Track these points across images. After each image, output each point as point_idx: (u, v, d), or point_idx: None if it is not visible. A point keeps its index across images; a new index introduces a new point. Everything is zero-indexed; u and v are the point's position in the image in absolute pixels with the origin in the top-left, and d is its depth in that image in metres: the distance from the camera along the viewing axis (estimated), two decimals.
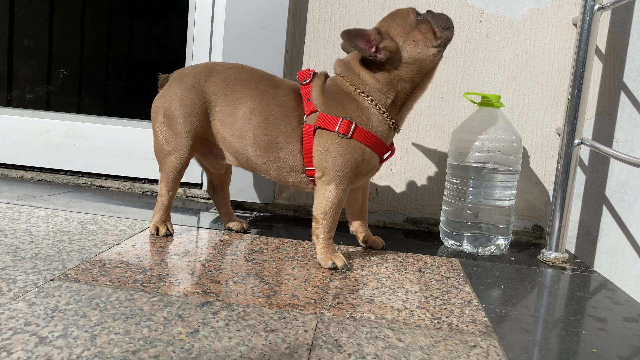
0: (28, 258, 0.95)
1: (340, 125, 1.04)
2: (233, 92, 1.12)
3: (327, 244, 1.08)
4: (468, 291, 1.01)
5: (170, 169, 1.16)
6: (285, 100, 1.10)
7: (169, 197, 1.18)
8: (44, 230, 1.12)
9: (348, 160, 1.04)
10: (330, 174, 1.05)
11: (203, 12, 1.56)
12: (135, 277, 0.90)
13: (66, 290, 0.82)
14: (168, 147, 1.15)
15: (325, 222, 1.07)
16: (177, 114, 1.13)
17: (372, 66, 1.06)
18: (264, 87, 1.12)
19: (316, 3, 1.46)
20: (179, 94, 1.13)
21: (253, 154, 1.11)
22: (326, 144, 1.05)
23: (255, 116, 1.10)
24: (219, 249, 1.13)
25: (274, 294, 0.89)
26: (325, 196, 1.06)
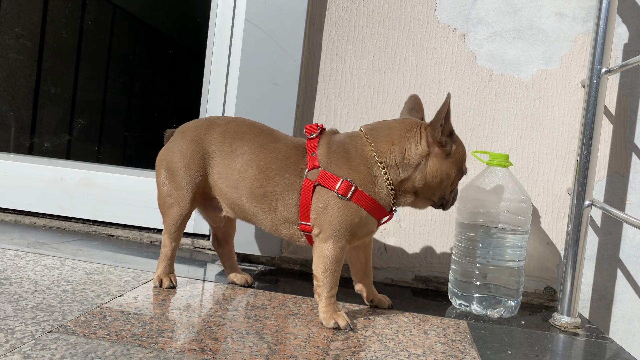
0: (29, 308, 0.94)
1: (340, 186, 1.04)
2: (231, 144, 1.14)
3: (329, 303, 1.06)
4: (474, 356, 0.97)
5: (172, 221, 1.17)
6: (285, 154, 1.11)
7: (171, 248, 1.19)
8: (49, 279, 1.12)
9: (345, 220, 1.04)
10: (327, 232, 1.05)
11: (219, 66, 1.61)
12: (134, 331, 0.89)
13: (63, 343, 0.81)
14: (170, 200, 1.17)
15: (325, 281, 1.06)
16: (178, 166, 1.15)
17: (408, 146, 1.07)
18: (263, 140, 1.13)
19: (327, 60, 1.50)
20: (180, 147, 1.16)
21: (248, 204, 1.11)
22: (325, 201, 1.05)
23: (252, 168, 1.10)
24: (221, 303, 1.12)
25: (272, 353, 0.87)
26: (323, 254, 1.05)
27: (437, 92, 1.47)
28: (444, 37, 1.46)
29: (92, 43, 3.34)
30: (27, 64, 3.03)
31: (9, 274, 1.13)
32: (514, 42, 1.44)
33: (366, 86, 1.49)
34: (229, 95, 1.61)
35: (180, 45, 3.42)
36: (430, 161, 1.06)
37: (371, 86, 1.49)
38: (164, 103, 3.22)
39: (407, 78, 1.48)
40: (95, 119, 3.43)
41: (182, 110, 2.68)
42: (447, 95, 1.03)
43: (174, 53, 3.38)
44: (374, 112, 1.49)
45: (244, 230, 1.47)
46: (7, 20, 2.86)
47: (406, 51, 1.48)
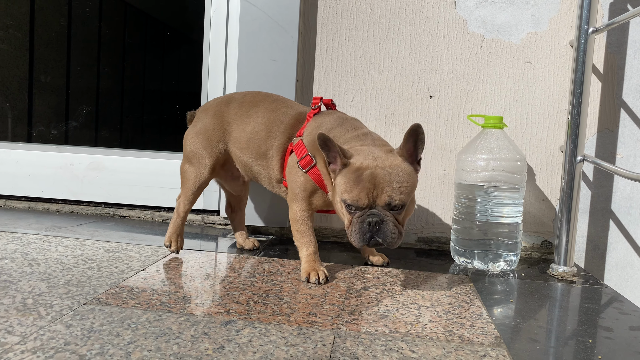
0: (61, 284, 1.01)
1: (303, 159, 1.14)
2: (247, 111, 1.26)
3: (308, 260, 1.16)
4: (478, 305, 1.05)
5: (190, 184, 1.28)
6: (288, 118, 1.23)
7: (184, 211, 1.30)
8: (73, 259, 1.18)
9: (300, 186, 1.15)
10: (290, 193, 1.17)
11: (217, 46, 1.65)
12: (162, 300, 0.96)
13: (99, 313, 0.88)
14: (191, 167, 1.28)
15: (300, 241, 1.17)
16: (202, 138, 1.28)
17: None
18: (276, 106, 1.26)
19: (323, 35, 1.54)
20: (204, 123, 1.29)
21: (254, 162, 1.25)
22: (290, 165, 1.17)
23: (260, 129, 1.23)
24: (239, 271, 1.18)
25: (292, 312, 0.94)
26: (290, 215, 1.19)
27: (430, 60, 1.52)
28: (436, 6, 1.50)
29: (82, 29, 3.34)
30: (19, 54, 3.04)
31: (35, 255, 1.19)
32: (503, 6, 1.49)
33: (362, 58, 1.54)
34: (229, 74, 1.65)
35: (173, 28, 3.43)
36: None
37: (367, 57, 1.54)
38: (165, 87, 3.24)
39: (401, 48, 1.52)
40: (91, 104, 3.45)
41: (182, 93, 2.71)
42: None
43: (167, 36, 3.39)
44: (371, 83, 1.53)
45: (253, 204, 1.53)
46: None
47: (400, 21, 1.52)
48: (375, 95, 1.54)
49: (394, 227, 1.02)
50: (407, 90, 1.53)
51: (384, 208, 1.01)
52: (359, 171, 1.02)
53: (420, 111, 1.53)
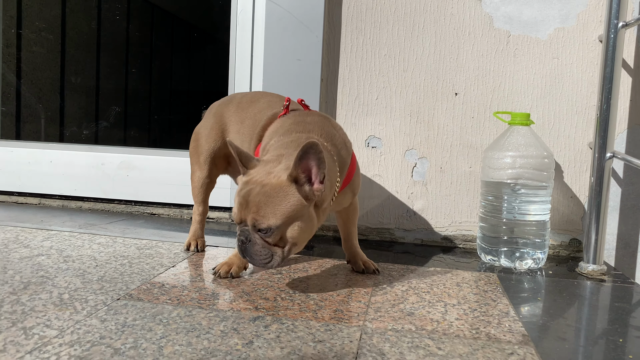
0: (95, 280, 1.04)
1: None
2: (243, 112, 1.26)
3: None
4: (505, 303, 1.04)
5: (195, 184, 1.31)
6: (264, 119, 1.16)
7: (199, 213, 1.33)
8: (106, 255, 1.22)
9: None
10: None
11: (243, 47, 1.67)
12: (192, 296, 0.98)
13: (132, 308, 0.90)
14: (194, 167, 1.31)
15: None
16: (202, 137, 1.30)
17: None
18: (264, 106, 1.21)
19: (348, 34, 1.55)
20: (205, 122, 1.32)
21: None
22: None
23: (247, 130, 1.22)
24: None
25: (319, 308, 0.95)
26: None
27: (456, 57, 1.51)
28: (461, 3, 1.50)
29: (111, 31, 3.41)
30: (51, 56, 3.12)
31: (70, 252, 1.23)
32: (530, 2, 1.47)
33: (387, 56, 1.54)
34: (255, 74, 1.67)
35: (199, 29, 3.47)
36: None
37: (392, 55, 1.54)
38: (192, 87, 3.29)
39: (426, 45, 1.52)
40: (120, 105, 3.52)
41: (209, 92, 2.75)
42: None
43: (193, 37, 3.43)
44: (395, 81, 1.54)
45: None
46: (29, 14, 2.94)
47: (424, 19, 1.52)
48: (400, 93, 1.54)
49: (263, 249, 0.95)
50: (432, 87, 1.52)
51: (252, 229, 0.96)
52: (243, 185, 0.96)
53: (446, 108, 1.52)
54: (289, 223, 0.95)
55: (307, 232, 0.98)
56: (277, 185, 0.94)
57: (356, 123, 1.56)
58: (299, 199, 0.94)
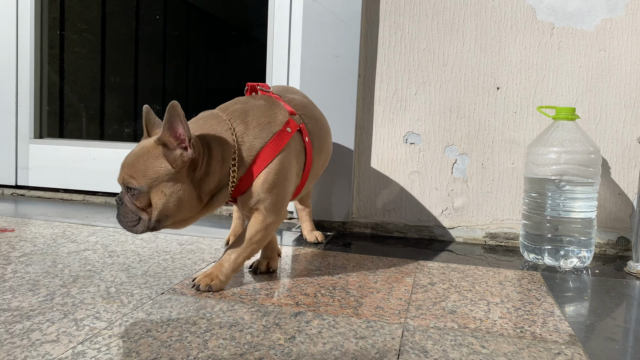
0: (139, 275, 1.06)
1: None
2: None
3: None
4: (550, 302, 1.02)
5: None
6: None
7: (235, 209, 1.35)
8: (149, 251, 1.25)
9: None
10: None
11: (280, 44, 1.68)
12: (234, 291, 0.99)
13: (176, 302, 0.92)
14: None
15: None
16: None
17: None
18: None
19: (385, 28, 1.54)
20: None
21: None
22: None
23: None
24: (305, 264, 1.20)
25: (359, 305, 0.95)
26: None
27: (497, 51, 1.48)
28: None
29: (149, 31, 3.47)
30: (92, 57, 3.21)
31: (114, 247, 1.26)
32: None
33: (426, 50, 1.52)
34: (292, 71, 1.67)
35: (235, 27, 3.50)
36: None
37: (431, 50, 1.52)
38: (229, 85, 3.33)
39: (467, 39, 1.49)
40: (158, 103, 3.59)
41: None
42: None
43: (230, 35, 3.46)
44: (435, 75, 1.51)
45: (317, 199, 1.55)
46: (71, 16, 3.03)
47: (464, 12, 1.49)
48: (440, 87, 1.51)
49: (131, 211, 0.94)
50: (473, 82, 1.49)
51: (124, 190, 0.96)
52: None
53: (487, 103, 1.49)
54: (154, 187, 0.93)
55: (175, 202, 0.94)
56: (146, 147, 0.94)
57: (394, 119, 1.54)
58: (164, 162, 0.92)
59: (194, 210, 0.98)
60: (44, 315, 0.83)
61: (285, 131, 1.03)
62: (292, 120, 1.05)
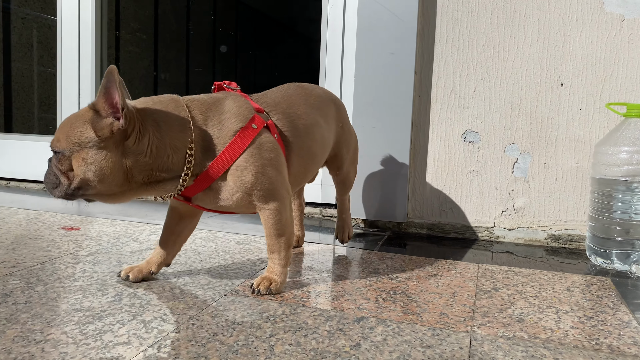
0: (201, 275, 1.08)
1: None
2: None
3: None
4: (625, 311, 0.97)
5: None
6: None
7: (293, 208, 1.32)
8: (208, 250, 1.26)
9: None
10: None
11: (334, 42, 1.67)
12: (294, 293, 0.99)
13: (239, 305, 0.93)
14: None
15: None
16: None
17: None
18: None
19: (443, 24, 1.50)
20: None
21: None
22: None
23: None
24: (362, 267, 1.19)
25: (423, 311, 0.93)
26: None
27: (562, 45, 1.41)
28: None
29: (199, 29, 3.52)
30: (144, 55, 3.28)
31: None
32: None
33: (485, 46, 1.47)
34: (346, 68, 1.66)
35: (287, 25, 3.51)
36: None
37: (490, 45, 1.47)
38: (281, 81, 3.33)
39: (528, 33, 1.44)
40: None
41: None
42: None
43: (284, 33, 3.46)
44: (494, 71, 1.47)
45: (369, 198, 1.54)
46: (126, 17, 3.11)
47: (526, 5, 1.43)
48: (500, 84, 1.47)
49: (53, 174, 0.91)
50: (535, 78, 1.44)
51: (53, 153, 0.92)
52: None
53: (550, 100, 1.43)
54: (75, 152, 0.89)
55: (96, 172, 0.88)
56: (79, 111, 0.91)
57: (452, 117, 1.51)
58: (88, 129, 0.88)
59: (121, 185, 0.91)
60: (114, 316, 0.86)
61: (250, 127, 0.96)
62: (257, 117, 0.98)
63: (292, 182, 1.07)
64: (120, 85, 0.87)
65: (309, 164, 1.11)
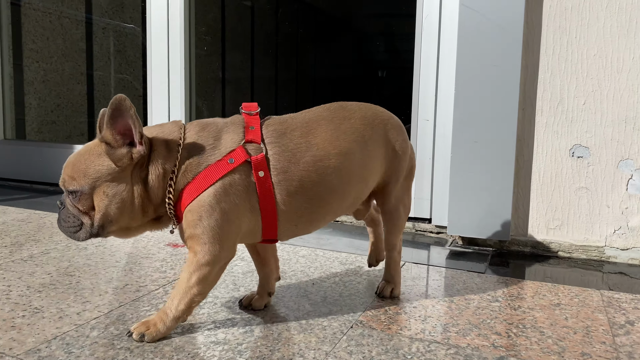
0: (320, 302, 1.08)
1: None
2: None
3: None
4: None
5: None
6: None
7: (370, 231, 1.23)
8: (316, 271, 1.26)
9: None
10: None
11: (428, 54, 1.63)
12: (422, 327, 0.97)
13: (370, 339, 0.92)
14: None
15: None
16: None
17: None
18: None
19: (549, 34, 1.43)
20: None
21: None
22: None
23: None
24: (478, 293, 1.16)
25: (562, 350, 0.89)
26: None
27: None
28: None
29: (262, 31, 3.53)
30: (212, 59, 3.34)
31: (284, 267, 1.29)
32: None
33: (596, 56, 1.40)
34: (441, 80, 1.61)
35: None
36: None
37: (602, 56, 1.39)
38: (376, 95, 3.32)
39: None
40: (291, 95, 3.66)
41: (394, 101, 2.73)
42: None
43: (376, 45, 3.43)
44: (607, 83, 1.39)
45: (470, 213, 1.50)
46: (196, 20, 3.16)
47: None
48: (613, 96, 1.39)
49: (72, 215, 0.87)
50: None
51: (65, 191, 0.88)
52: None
53: None
54: (96, 187, 0.86)
55: (119, 204, 0.86)
56: (89, 145, 0.88)
57: (558, 131, 1.44)
58: (106, 161, 0.86)
59: (138, 218, 0.89)
60: (254, 352, 0.86)
61: (225, 162, 0.89)
62: (240, 150, 0.90)
63: (296, 219, 0.95)
64: (134, 113, 0.85)
65: (317, 200, 0.94)
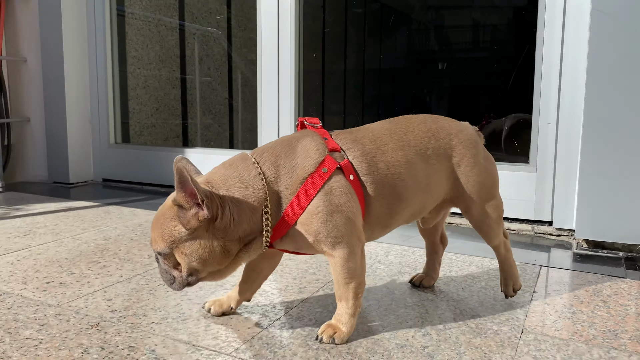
0: (477, 307, 1.11)
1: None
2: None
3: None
4: None
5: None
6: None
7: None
8: (457, 275, 1.29)
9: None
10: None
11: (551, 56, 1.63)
12: (590, 332, 0.99)
13: (545, 344, 0.94)
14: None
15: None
16: None
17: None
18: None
19: None
20: None
21: None
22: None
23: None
24: (627, 297, 1.16)
25: None
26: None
27: None
28: None
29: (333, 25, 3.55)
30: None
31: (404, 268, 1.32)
32: None
33: None
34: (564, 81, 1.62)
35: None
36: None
37: None
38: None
39: None
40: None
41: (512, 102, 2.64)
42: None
43: (494, 49, 3.38)
44: None
45: (597, 216, 1.49)
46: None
47: None
48: None
49: (165, 272, 0.96)
50: None
51: (157, 252, 0.96)
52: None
53: None
54: (174, 248, 0.92)
55: (197, 260, 0.92)
56: (164, 208, 0.94)
57: None
58: (178, 225, 0.91)
59: (223, 261, 0.94)
60: (442, 355, 0.90)
61: (319, 172, 0.94)
62: (329, 159, 0.95)
63: (376, 223, 1.01)
64: (193, 175, 0.89)
65: (394, 205, 1.01)
